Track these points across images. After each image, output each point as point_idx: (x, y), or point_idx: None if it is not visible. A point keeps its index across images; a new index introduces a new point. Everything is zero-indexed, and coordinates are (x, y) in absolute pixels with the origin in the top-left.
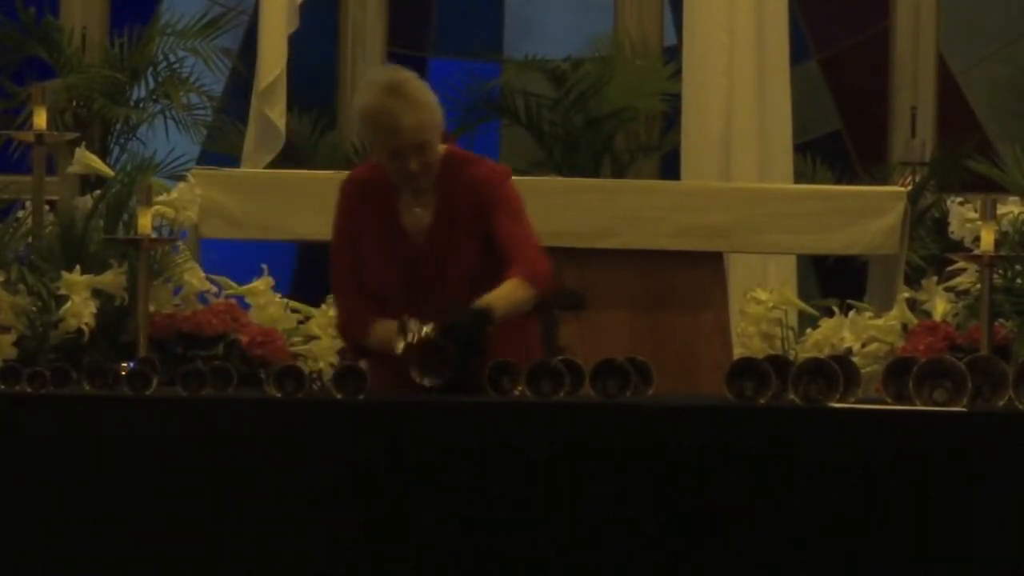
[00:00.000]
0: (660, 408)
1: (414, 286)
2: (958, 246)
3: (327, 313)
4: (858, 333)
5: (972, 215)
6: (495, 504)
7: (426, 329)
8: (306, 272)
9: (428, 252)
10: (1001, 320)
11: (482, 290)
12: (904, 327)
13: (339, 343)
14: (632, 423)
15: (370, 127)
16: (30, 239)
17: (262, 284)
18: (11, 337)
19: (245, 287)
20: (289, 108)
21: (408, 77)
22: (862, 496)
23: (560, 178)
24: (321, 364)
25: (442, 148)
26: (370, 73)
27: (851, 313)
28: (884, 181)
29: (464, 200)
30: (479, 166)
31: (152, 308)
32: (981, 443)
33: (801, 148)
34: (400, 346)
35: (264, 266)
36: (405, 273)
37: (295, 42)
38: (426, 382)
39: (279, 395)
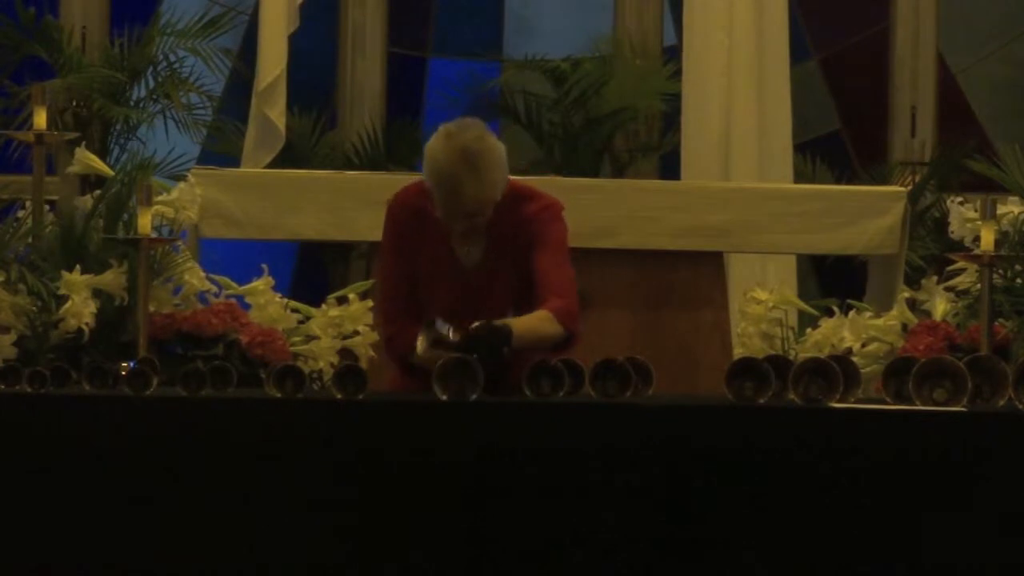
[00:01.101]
0: (660, 408)
1: (460, 313)
2: (958, 246)
3: (327, 313)
4: (858, 333)
5: (972, 215)
6: (495, 504)
7: (452, 333)
8: (306, 272)
9: (475, 283)
10: (1001, 320)
11: (523, 309)
12: (904, 327)
13: (382, 352)
14: (632, 423)
15: (435, 183)
16: (30, 239)
17: (262, 284)
18: (11, 337)
19: (245, 287)
20: (289, 108)
21: (488, 147)
22: (862, 496)
23: (560, 178)
24: (321, 364)
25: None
26: (456, 126)
27: (851, 313)
28: (884, 181)
29: (515, 239)
30: (532, 204)
31: (152, 308)
32: (981, 443)
33: (801, 148)
34: (421, 346)
35: (264, 266)
36: (454, 299)
37: (295, 42)
38: (443, 396)
39: (279, 395)
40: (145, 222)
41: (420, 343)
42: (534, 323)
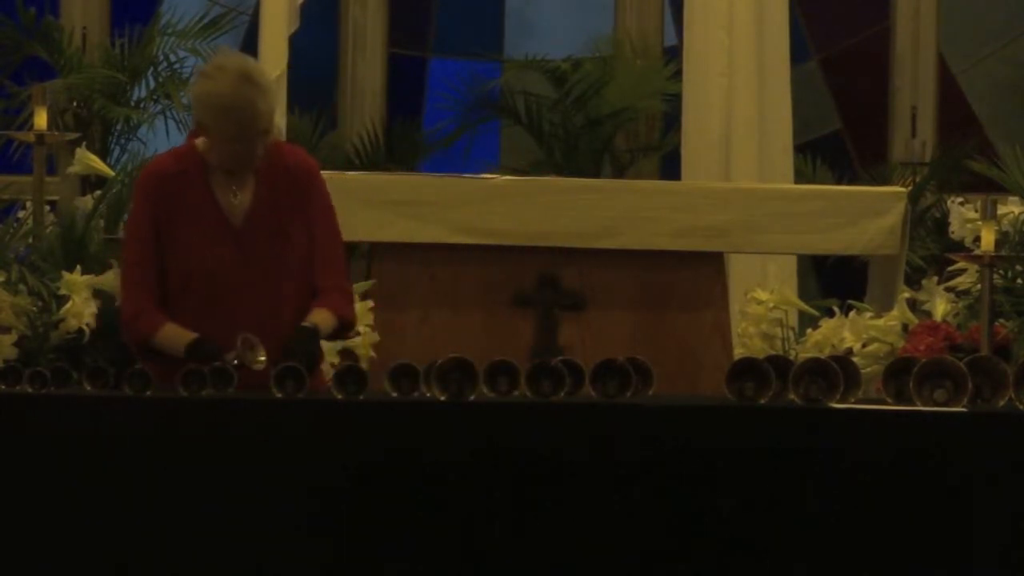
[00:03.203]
0: (660, 408)
1: (239, 265)
2: (958, 246)
3: None
4: (858, 333)
5: (972, 215)
6: (495, 504)
7: (261, 358)
8: None
9: (250, 233)
10: (1001, 320)
11: (309, 274)
12: (904, 327)
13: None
14: (632, 423)
15: (222, 113)
16: (30, 239)
17: None
18: (11, 337)
19: None
20: (289, 108)
21: (256, 64)
22: (862, 496)
23: (560, 178)
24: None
25: None
26: (215, 60)
27: (851, 313)
28: (884, 181)
29: (288, 184)
30: (293, 154)
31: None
32: (981, 443)
33: (801, 148)
34: (233, 360)
35: None
36: (227, 253)
37: (295, 42)
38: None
39: (279, 395)
40: None
41: (230, 361)
42: (330, 320)
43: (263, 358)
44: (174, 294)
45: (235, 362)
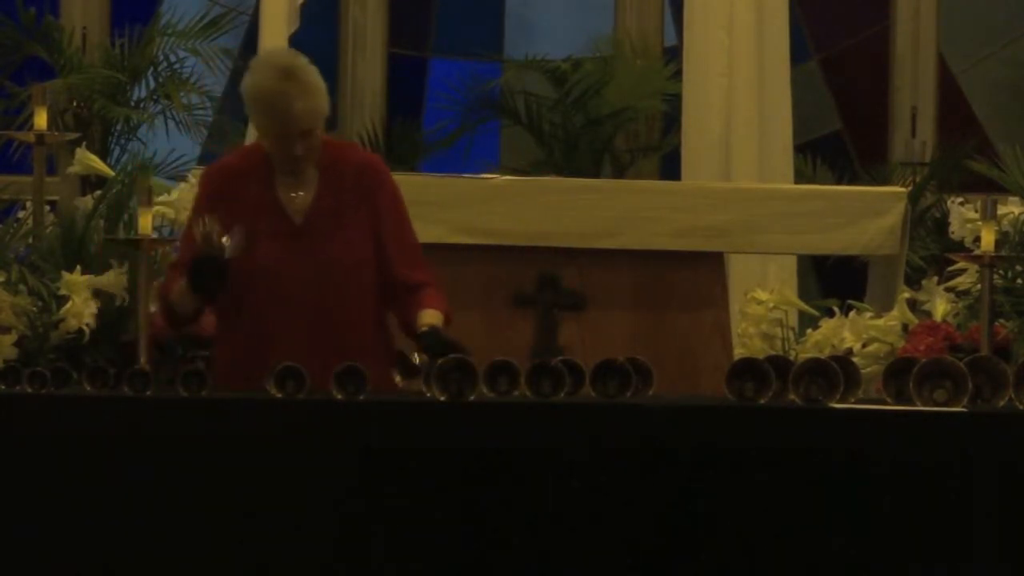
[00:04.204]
0: (660, 408)
1: (297, 263)
2: (958, 246)
3: None
4: (858, 333)
5: (972, 215)
6: (494, 504)
7: (421, 358)
8: None
9: (309, 231)
10: (1001, 320)
11: (369, 274)
12: (904, 327)
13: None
14: (632, 423)
15: (261, 109)
16: (30, 239)
17: None
18: (11, 337)
19: None
20: None
21: (304, 63)
22: (862, 496)
23: (560, 178)
24: None
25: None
26: (264, 54)
27: (851, 313)
28: (884, 181)
29: (349, 181)
30: (358, 151)
31: (152, 308)
32: (981, 443)
33: (801, 148)
34: (398, 378)
35: None
36: (288, 250)
37: (295, 42)
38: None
39: (279, 395)
40: (146, 223)
41: (399, 378)
42: (440, 320)
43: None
44: (239, 293)
45: (235, 249)
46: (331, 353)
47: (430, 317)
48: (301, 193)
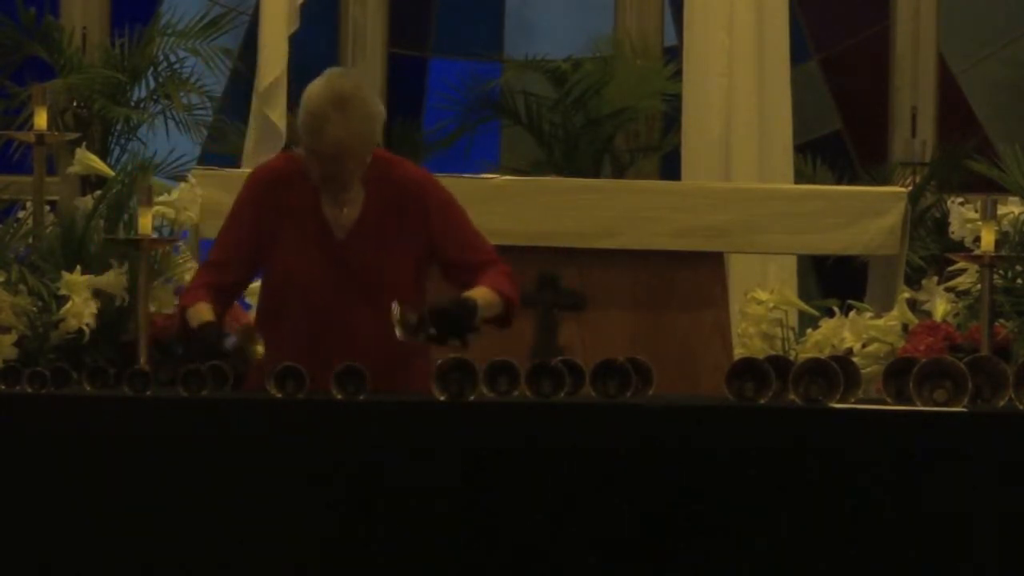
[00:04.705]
0: (660, 408)
1: (338, 279)
2: (958, 246)
3: None
4: (858, 333)
5: (972, 215)
6: (494, 504)
7: (259, 348)
8: None
9: (351, 248)
10: (1001, 320)
11: (413, 294)
12: (904, 327)
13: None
14: (632, 423)
15: (303, 119)
16: (30, 239)
17: None
18: (11, 337)
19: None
20: (289, 108)
21: (362, 96)
22: (862, 496)
23: (560, 178)
24: None
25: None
26: (335, 73)
27: (851, 313)
28: (884, 181)
29: (398, 199)
30: (405, 168)
31: (153, 308)
32: (981, 443)
33: (801, 148)
34: (400, 333)
35: None
36: (327, 264)
37: (295, 42)
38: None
39: (279, 395)
40: (146, 223)
41: (398, 332)
42: (490, 298)
43: (261, 348)
44: (275, 302)
45: (232, 346)
46: (370, 370)
47: (476, 292)
48: (346, 209)
